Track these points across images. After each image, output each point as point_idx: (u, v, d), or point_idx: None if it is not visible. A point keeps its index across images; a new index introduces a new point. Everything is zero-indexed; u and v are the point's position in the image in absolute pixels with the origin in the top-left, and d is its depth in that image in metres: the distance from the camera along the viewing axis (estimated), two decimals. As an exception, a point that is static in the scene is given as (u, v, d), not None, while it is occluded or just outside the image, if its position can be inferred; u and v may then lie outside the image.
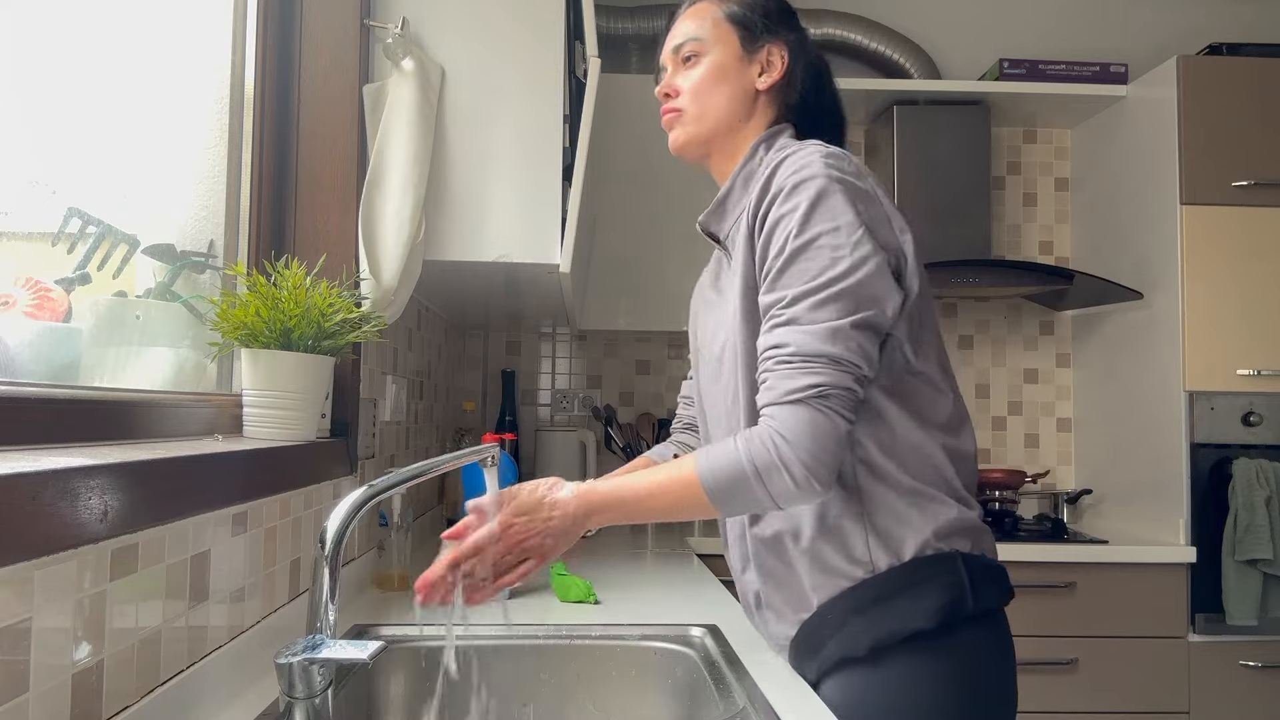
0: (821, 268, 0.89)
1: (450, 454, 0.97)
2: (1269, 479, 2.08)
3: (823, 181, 0.91)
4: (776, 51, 1.08)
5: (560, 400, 2.77)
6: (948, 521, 0.94)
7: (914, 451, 0.95)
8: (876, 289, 0.89)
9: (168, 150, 1.20)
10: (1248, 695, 2.11)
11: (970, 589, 0.92)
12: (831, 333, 0.87)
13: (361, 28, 1.40)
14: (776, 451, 0.86)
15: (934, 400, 0.96)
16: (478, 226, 1.47)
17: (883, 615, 0.92)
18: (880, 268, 0.89)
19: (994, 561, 0.99)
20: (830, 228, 0.90)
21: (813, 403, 0.86)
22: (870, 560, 0.94)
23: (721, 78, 1.07)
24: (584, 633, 1.23)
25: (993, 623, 0.97)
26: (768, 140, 1.07)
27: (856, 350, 0.87)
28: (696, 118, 1.08)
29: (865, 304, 0.88)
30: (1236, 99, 2.21)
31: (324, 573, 0.76)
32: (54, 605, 0.63)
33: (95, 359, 1.01)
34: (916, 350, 0.95)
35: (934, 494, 0.95)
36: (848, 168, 0.94)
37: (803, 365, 0.87)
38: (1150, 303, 2.32)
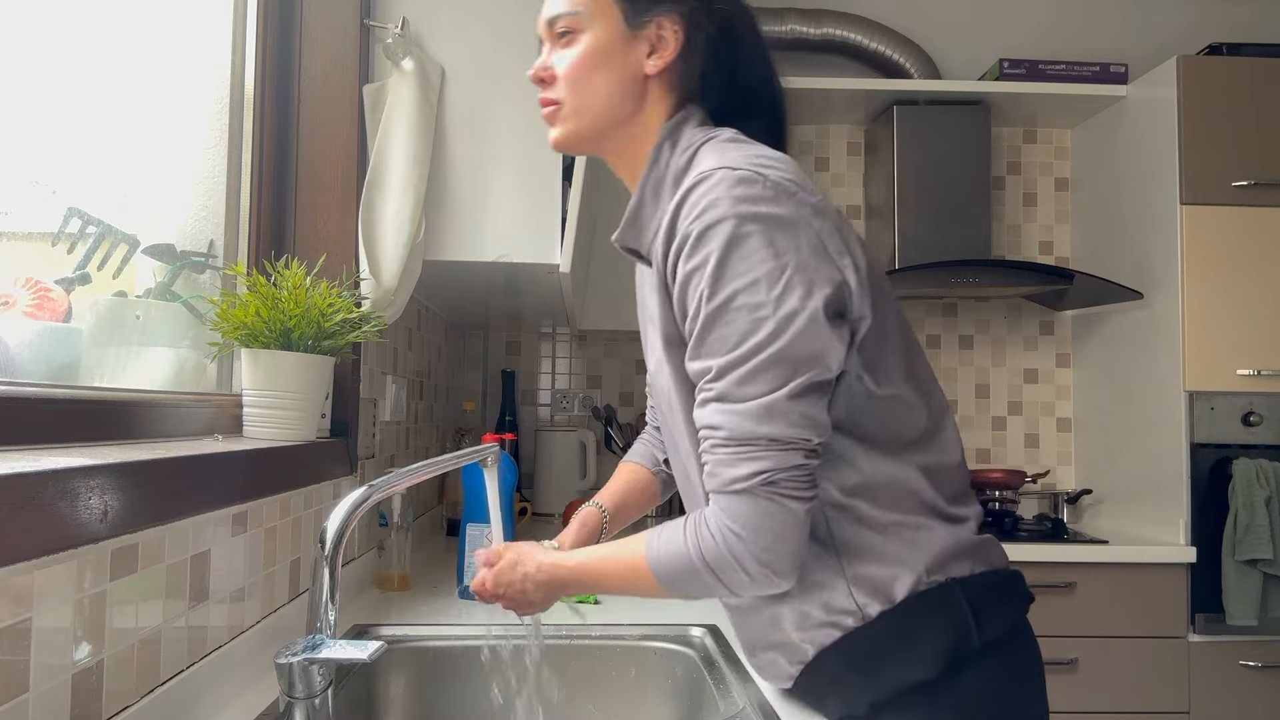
0: (742, 334, 0.76)
1: (450, 454, 0.97)
2: (1269, 479, 2.08)
3: (731, 225, 0.76)
4: (668, 25, 0.89)
5: (560, 400, 2.77)
6: (940, 549, 0.83)
7: (887, 484, 0.83)
8: (812, 345, 0.76)
9: (168, 150, 1.20)
10: (1248, 695, 2.11)
11: (974, 621, 0.81)
12: (766, 410, 0.75)
13: (361, 28, 1.41)
14: (728, 547, 0.77)
15: (904, 419, 0.85)
16: (478, 226, 1.47)
17: (881, 669, 0.82)
18: (813, 318, 0.76)
19: (1000, 572, 0.87)
20: (746, 283, 0.76)
21: (760, 492, 0.76)
22: (857, 608, 0.83)
23: (601, 61, 0.89)
24: (584, 633, 1.23)
25: (1008, 649, 0.85)
26: (671, 137, 0.90)
27: (799, 422, 0.76)
28: (576, 111, 0.91)
29: (802, 366, 0.76)
30: (1236, 99, 2.21)
31: (324, 573, 0.76)
32: (54, 605, 0.63)
33: (95, 359, 1.01)
34: (877, 377, 0.83)
35: (918, 521, 0.84)
36: (763, 191, 0.78)
37: (740, 450, 0.76)
38: (1150, 303, 2.32)
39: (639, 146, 0.92)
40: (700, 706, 1.12)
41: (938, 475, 0.86)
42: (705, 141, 0.87)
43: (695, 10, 0.89)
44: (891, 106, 2.55)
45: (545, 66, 0.93)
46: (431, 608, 1.36)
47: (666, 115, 0.91)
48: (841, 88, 2.50)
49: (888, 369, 0.84)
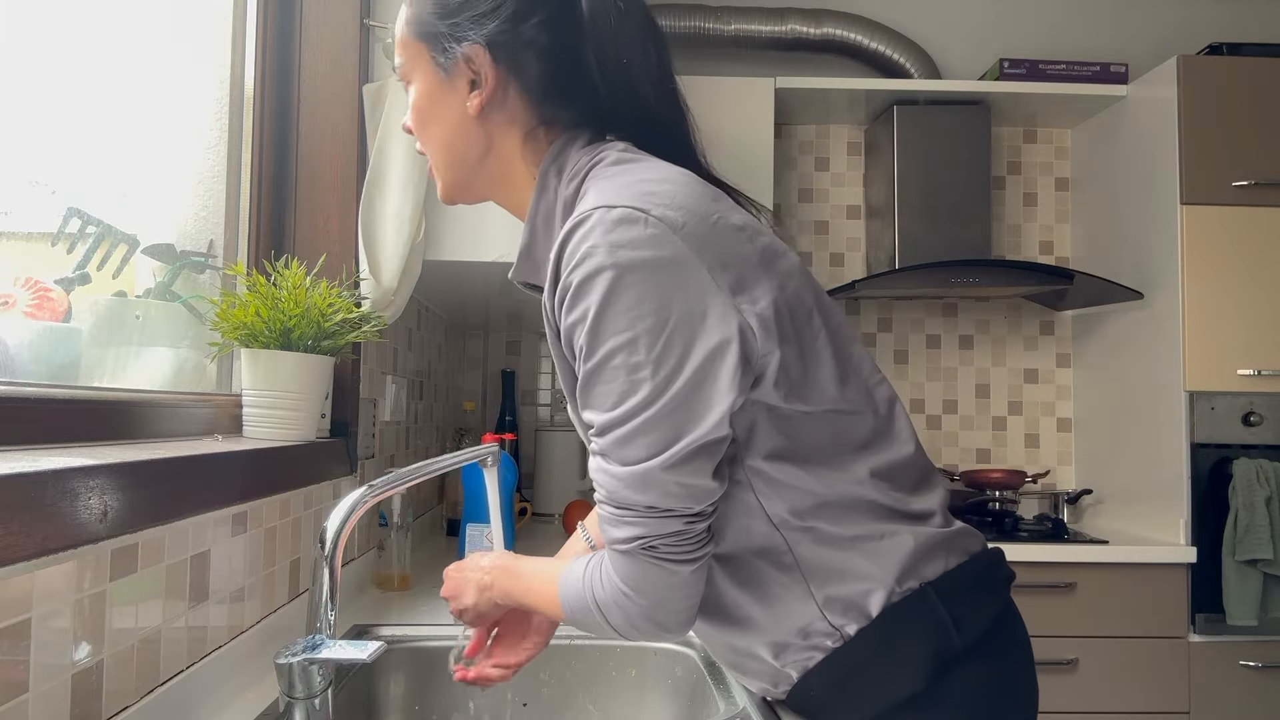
0: (620, 394, 0.71)
1: (450, 454, 0.97)
2: (1269, 479, 2.08)
3: (610, 275, 0.70)
4: (477, 57, 0.81)
5: (560, 400, 2.77)
6: (908, 553, 0.80)
7: (839, 499, 0.79)
8: (694, 408, 0.71)
9: (168, 150, 1.20)
10: (1248, 695, 2.11)
11: (952, 623, 0.78)
12: (641, 479, 0.72)
13: (361, 28, 1.41)
14: (617, 602, 0.76)
15: (844, 430, 0.80)
16: (478, 226, 1.47)
17: (866, 688, 0.79)
18: (696, 378, 0.71)
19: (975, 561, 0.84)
20: (624, 341, 0.70)
21: (639, 555, 0.74)
22: (834, 629, 0.79)
23: (429, 111, 0.85)
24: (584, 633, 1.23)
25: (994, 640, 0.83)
26: (555, 163, 0.83)
27: (676, 491, 0.72)
28: (437, 166, 0.87)
29: (684, 427, 0.71)
30: (1236, 99, 2.21)
31: (324, 573, 0.76)
32: (54, 605, 0.63)
33: (95, 359, 1.01)
34: (807, 398, 0.78)
35: (881, 530, 0.80)
36: (643, 231, 0.70)
37: (619, 514, 0.74)
38: (1150, 303, 2.32)
39: (510, 182, 0.87)
40: (700, 706, 1.12)
41: (891, 475, 0.82)
42: (592, 166, 0.80)
43: (501, 32, 0.80)
44: (891, 106, 2.55)
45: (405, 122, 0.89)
46: (431, 608, 1.36)
47: (519, 145, 0.85)
48: (841, 88, 2.50)
49: (819, 387, 0.79)
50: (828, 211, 2.81)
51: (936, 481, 0.87)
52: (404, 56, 0.85)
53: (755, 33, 2.64)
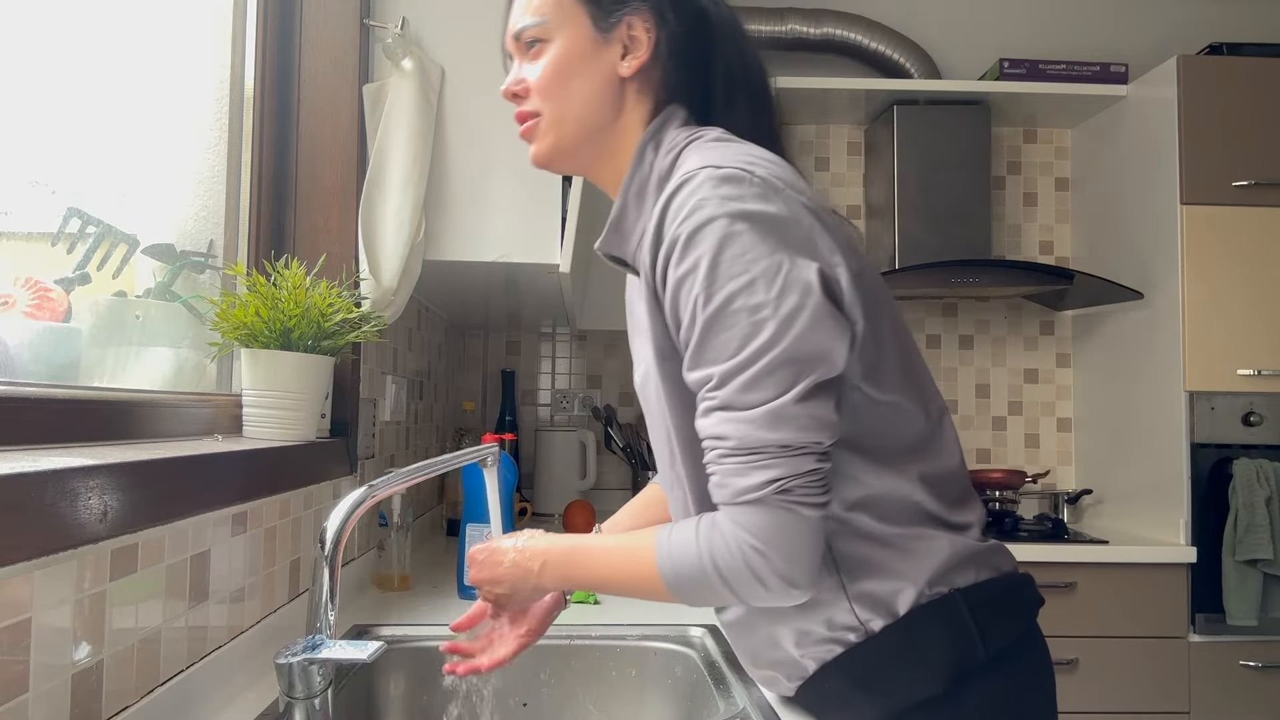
0: (744, 338, 0.72)
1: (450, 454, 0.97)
2: (1269, 479, 2.08)
3: (722, 224, 0.73)
4: (639, 24, 0.85)
5: (560, 400, 2.77)
6: (943, 559, 0.80)
7: (886, 495, 0.80)
8: (817, 343, 0.72)
9: (168, 150, 1.20)
10: (1248, 695, 2.11)
11: (978, 632, 0.79)
12: (773, 416, 0.72)
13: (361, 28, 1.40)
14: (745, 560, 0.73)
15: (903, 427, 0.82)
16: (478, 226, 1.47)
17: (885, 687, 0.80)
18: (816, 314, 0.72)
19: (1007, 578, 0.85)
20: (743, 284, 0.72)
21: (773, 501, 0.72)
22: (860, 623, 0.80)
23: (574, 69, 0.86)
24: (584, 633, 1.23)
25: (1017, 656, 0.83)
26: (654, 138, 0.86)
27: (809, 425, 0.72)
28: (555, 121, 0.88)
29: (808, 367, 0.72)
30: (1236, 99, 2.21)
31: (324, 573, 0.76)
32: (54, 605, 0.63)
33: (95, 359, 1.01)
34: (877, 383, 0.80)
35: (920, 533, 0.81)
36: (750, 189, 0.74)
37: (750, 459, 0.73)
38: (1150, 303, 2.32)
39: (619, 154, 0.89)
40: (700, 706, 1.12)
41: (938, 482, 0.83)
42: (690, 142, 0.83)
43: (665, 6, 0.86)
44: (891, 106, 2.55)
45: (517, 80, 0.89)
46: (431, 608, 1.36)
47: (646, 118, 0.88)
48: (841, 88, 2.50)
49: (885, 375, 0.81)
50: (828, 211, 2.81)
51: (975, 498, 0.88)
52: (549, 15, 0.86)
53: (755, 33, 2.63)
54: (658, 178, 0.85)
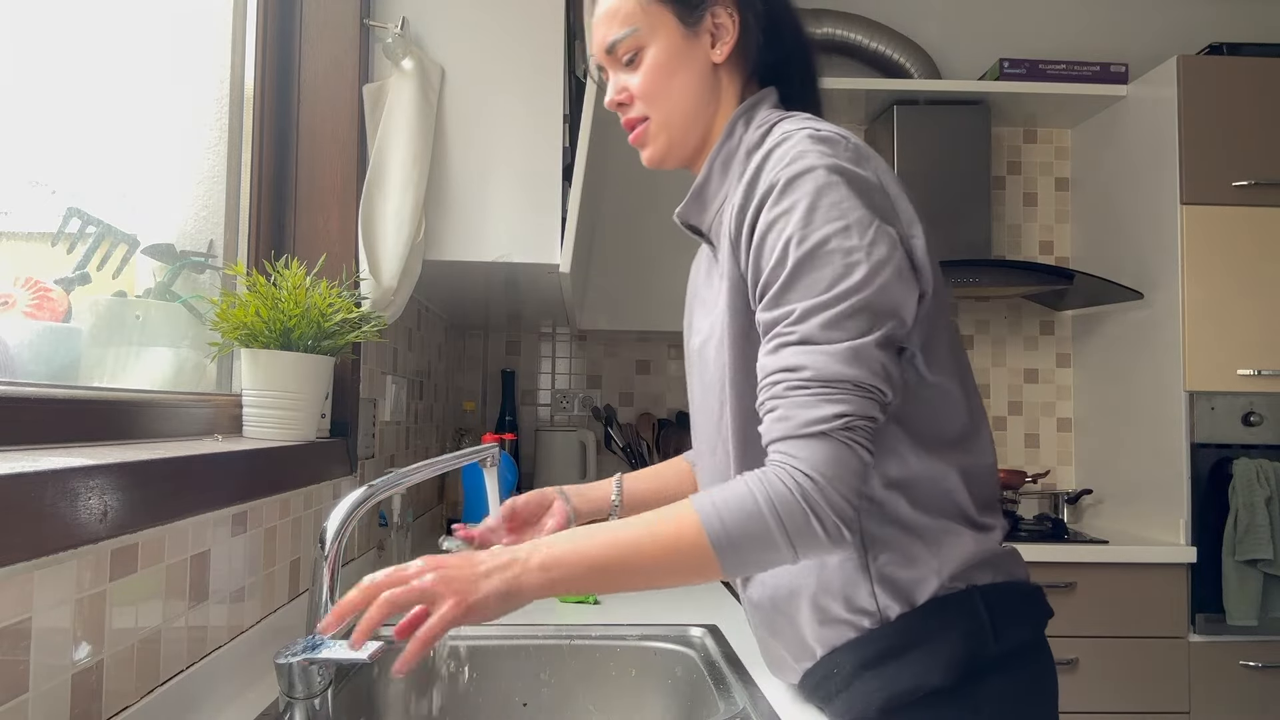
0: (835, 277, 0.75)
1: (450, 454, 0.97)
2: (1269, 479, 2.08)
3: (821, 174, 0.77)
4: (723, 11, 0.90)
5: (560, 400, 2.77)
6: (966, 556, 0.81)
7: (925, 481, 0.82)
8: (896, 296, 0.76)
9: (168, 150, 1.20)
10: (1248, 695, 2.11)
11: (992, 629, 0.80)
12: (854, 353, 0.73)
13: (361, 28, 1.40)
14: (803, 496, 0.72)
15: (947, 414, 0.83)
16: (478, 226, 1.47)
17: (895, 672, 0.80)
18: (900, 270, 0.77)
19: (1022, 584, 0.86)
20: (839, 228, 0.75)
21: (838, 435, 0.72)
22: (877, 609, 0.81)
23: (674, 67, 0.90)
24: (584, 633, 1.23)
25: (1026, 660, 0.84)
26: (745, 114, 0.91)
27: (880, 373, 0.74)
28: (664, 124, 0.92)
29: (884, 316, 0.75)
30: (1236, 99, 2.21)
31: (324, 573, 0.76)
32: (54, 605, 0.63)
33: (95, 359, 1.01)
34: (930, 361, 0.82)
35: (948, 525, 0.82)
36: (844, 153, 0.79)
37: (823, 392, 0.73)
38: (1150, 303, 2.32)
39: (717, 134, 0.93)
40: (700, 706, 1.12)
41: (974, 480, 0.84)
42: (781, 120, 0.87)
43: None
44: (891, 106, 2.55)
45: (619, 89, 0.93)
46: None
47: (737, 98, 0.93)
48: (841, 87, 2.50)
49: (939, 355, 0.83)
50: (828, 211, 2.81)
51: (999, 507, 0.90)
52: (638, 23, 0.90)
53: (755, 33, 2.63)
54: (745, 149, 0.89)
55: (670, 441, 2.65)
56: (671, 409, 2.78)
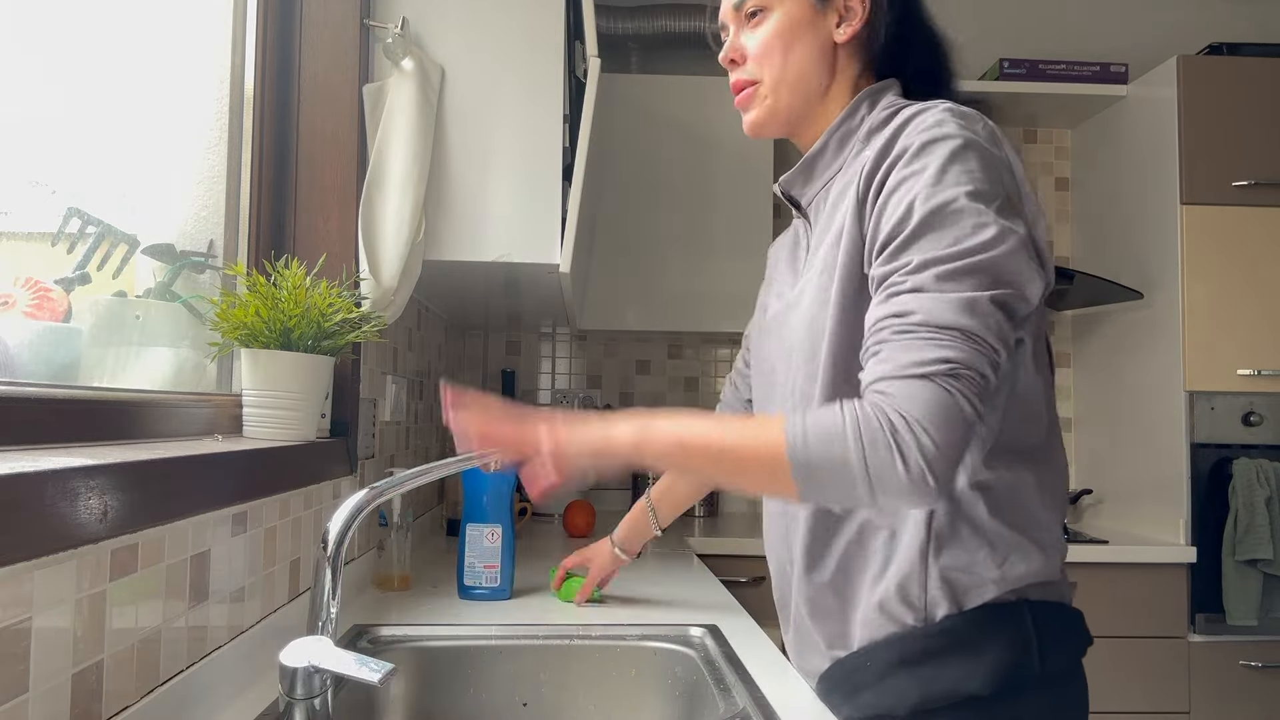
0: (959, 235, 0.73)
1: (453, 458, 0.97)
2: (1269, 479, 2.08)
3: (957, 142, 0.77)
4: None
5: (560, 400, 2.77)
6: (1027, 572, 0.80)
7: (1006, 487, 0.80)
8: (1020, 267, 0.73)
9: (168, 150, 1.20)
10: (1248, 695, 2.11)
11: (1038, 646, 0.79)
12: (969, 304, 0.70)
13: (361, 28, 1.40)
14: (892, 427, 0.67)
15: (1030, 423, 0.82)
16: (478, 226, 1.47)
17: (934, 673, 0.79)
18: (1025, 244, 0.74)
19: (1068, 608, 0.85)
20: (970, 190, 0.74)
21: (941, 380, 0.68)
22: (924, 606, 0.80)
23: (796, 34, 0.90)
24: (584, 633, 1.23)
25: (1065, 685, 0.82)
26: (871, 96, 0.91)
27: (995, 329, 0.71)
28: (774, 87, 0.91)
29: (1005, 281, 0.72)
30: (1236, 99, 2.21)
31: (325, 573, 0.76)
32: (54, 605, 0.63)
33: (95, 359, 1.01)
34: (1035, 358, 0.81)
35: (1018, 540, 0.80)
36: (982, 131, 0.79)
37: (931, 337, 0.70)
38: (1150, 303, 2.32)
39: (826, 117, 0.94)
40: (700, 706, 1.12)
41: (1051, 497, 0.83)
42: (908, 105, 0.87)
43: None
44: (891, 106, 2.55)
45: (735, 48, 0.94)
46: (431, 608, 1.36)
47: (853, 82, 0.94)
48: (841, 88, 2.50)
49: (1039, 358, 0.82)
50: (828, 211, 2.81)
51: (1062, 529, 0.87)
52: None
53: (755, 33, 2.63)
54: (868, 129, 0.89)
55: (670, 441, 2.64)
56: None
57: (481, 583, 1.42)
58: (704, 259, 2.45)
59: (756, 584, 2.12)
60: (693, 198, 2.46)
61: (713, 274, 2.45)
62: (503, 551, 1.42)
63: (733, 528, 2.36)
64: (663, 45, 2.68)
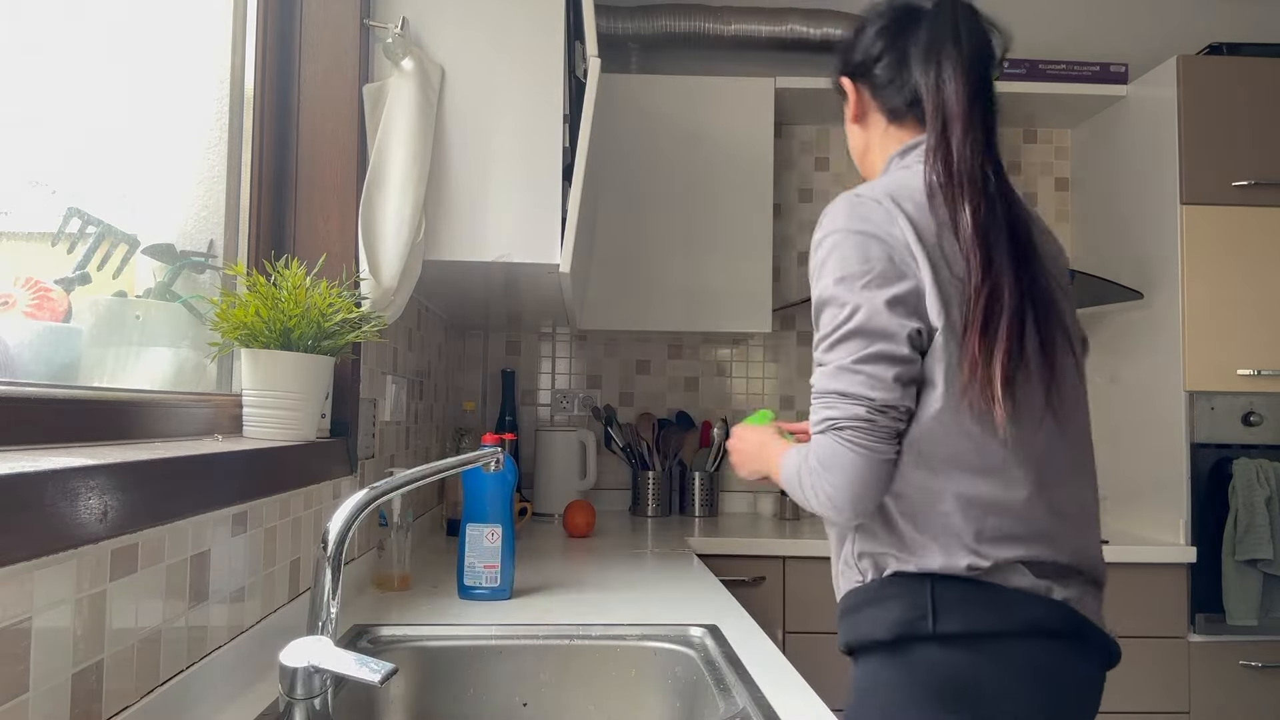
0: (834, 317, 0.97)
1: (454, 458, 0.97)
2: (1269, 479, 2.08)
3: (837, 236, 0.99)
4: (844, 85, 1.18)
5: (560, 400, 2.77)
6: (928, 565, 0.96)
7: (919, 495, 0.96)
8: (884, 323, 0.94)
9: (168, 150, 1.20)
10: (1248, 695, 2.11)
11: (933, 610, 0.94)
12: (836, 370, 0.96)
13: (361, 28, 1.40)
14: (809, 472, 0.98)
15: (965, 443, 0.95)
16: (478, 226, 1.47)
17: (857, 620, 1.02)
18: (889, 304, 0.94)
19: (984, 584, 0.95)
20: (839, 276, 0.97)
21: (831, 434, 0.95)
22: (860, 571, 1.03)
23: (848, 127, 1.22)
24: (584, 633, 1.23)
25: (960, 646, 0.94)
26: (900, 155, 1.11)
27: (863, 383, 0.94)
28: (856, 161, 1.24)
29: (873, 339, 0.94)
30: (1236, 99, 2.21)
31: (326, 573, 0.76)
32: (54, 605, 0.63)
33: (95, 359, 1.01)
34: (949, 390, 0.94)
35: (924, 542, 0.96)
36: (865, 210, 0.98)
37: (820, 399, 0.98)
38: (1150, 303, 2.32)
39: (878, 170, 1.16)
40: (700, 706, 1.12)
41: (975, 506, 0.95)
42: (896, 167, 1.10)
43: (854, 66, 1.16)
44: (891, 106, 2.55)
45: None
46: (431, 608, 1.36)
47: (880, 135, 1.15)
48: (841, 88, 2.50)
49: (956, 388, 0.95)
50: (828, 211, 2.81)
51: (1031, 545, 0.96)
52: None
53: (755, 33, 2.64)
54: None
55: (670, 441, 2.65)
56: (671, 409, 2.78)
57: (481, 583, 1.42)
58: (704, 259, 2.46)
59: (757, 584, 2.12)
60: (693, 198, 2.47)
61: (713, 274, 2.45)
62: (503, 551, 1.42)
63: (733, 528, 2.36)
64: (663, 45, 2.68)
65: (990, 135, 1.04)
